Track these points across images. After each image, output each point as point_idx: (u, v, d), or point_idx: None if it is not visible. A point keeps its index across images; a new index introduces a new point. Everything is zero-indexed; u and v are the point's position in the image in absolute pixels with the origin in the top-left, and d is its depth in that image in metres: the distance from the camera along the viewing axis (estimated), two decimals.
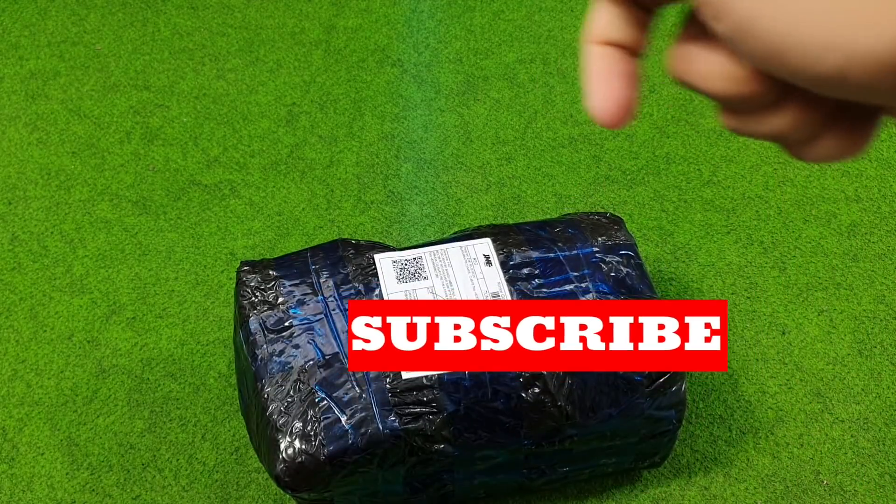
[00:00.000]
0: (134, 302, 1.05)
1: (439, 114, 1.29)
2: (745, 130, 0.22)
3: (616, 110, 0.23)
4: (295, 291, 0.80)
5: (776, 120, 0.21)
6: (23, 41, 1.42)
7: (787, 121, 0.21)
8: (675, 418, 0.80)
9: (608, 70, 0.23)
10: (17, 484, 0.90)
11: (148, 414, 0.95)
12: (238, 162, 1.22)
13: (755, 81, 0.20)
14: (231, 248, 1.11)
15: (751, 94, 0.21)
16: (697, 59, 0.21)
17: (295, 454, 0.71)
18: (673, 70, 0.22)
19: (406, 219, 1.14)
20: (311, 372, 0.74)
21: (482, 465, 0.78)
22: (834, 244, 1.11)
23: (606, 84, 0.23)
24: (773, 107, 0.21)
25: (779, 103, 0.21)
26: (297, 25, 1.44)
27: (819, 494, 0.89)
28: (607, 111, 0.23)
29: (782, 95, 0.21)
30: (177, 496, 0.89)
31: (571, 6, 1.47)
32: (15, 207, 1.16)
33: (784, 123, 0.21)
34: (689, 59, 0.21)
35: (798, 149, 0.22)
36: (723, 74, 0.21)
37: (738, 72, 0.20)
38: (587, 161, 1.21)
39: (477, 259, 0.81)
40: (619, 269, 0.82)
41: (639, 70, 0.24)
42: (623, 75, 0.23)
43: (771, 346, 1.00)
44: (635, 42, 0.24)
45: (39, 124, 1.28)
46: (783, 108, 0.21)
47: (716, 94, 0.21)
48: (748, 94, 0.21)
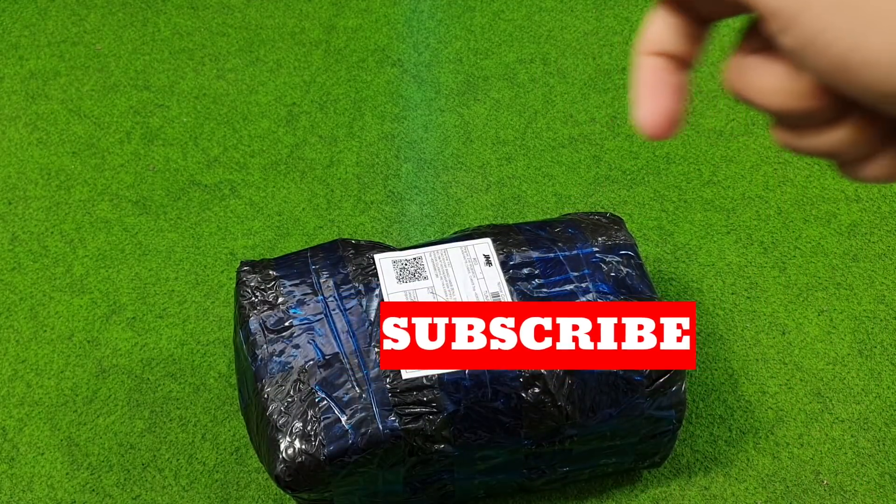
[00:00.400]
0: (134, 302, 1.05)
1: (439, 114, 1.29)
2: (800, 146, 0.22)
3: (662, 123, 0.23)
4: (295, 291, 0.80)
5: (833, 137, 0.21)
6: (23, 41, 1.42)
7: (845, 138, 0.20)
8: (675, 418, 0.80)
9: (658, 82, 0.23)
10: (17, 484, 0.90)
11: (148, 414, 0.95)
12: (238, 162, 1.22)
13: (816, 97, 0.20)
14: (231, 248, 1.11)
15: (811, 109, 0.20)
16: (756, 73, 0.21)
17: (295, 454, 0.71)
18: (729, 83, 0.22)
19: (406, 219, 1.14)
20: (311, 372, 0.74)
21: (482, 465, 0.78)
22: (834, 244, 1.11)
23: (654, 96, 0.23)
24: (832, 123, 0.21)
25: (838, 120, 0.20)
26: (297, 25, 1.44)
27: (819, 494, 0.89)
28: (653, 123, 0.23)
29: (842, 112, 0.20)
30: (177, 496, 0.89)
31: (571, 6, 1.47)
32: (15, 207, 1.16)
33: (841, 141, 0.21)
34: (747, 72, 0.21)
35: (852, 167, 0.22)
36: (783, 89, 0.20)
37: (799, 86, 0.20)
38: (587, 161, 1.21)
39: (477, 259, 0.81)
40: (619, 269, 0.82)
41: (688, 83, 0.24)
42: (672, 88, 0.23)
43: (771, 346, 1.00)
44: (688, 54, 0.23)
45: (39, 124, 1.28)
46: (842, 125, 0.20)
47: (774, 109, 0.21)
48: (808, 109, 0.20)
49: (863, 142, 0.20)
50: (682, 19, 0.23)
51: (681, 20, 0.23)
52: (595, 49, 1.39)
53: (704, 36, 0.23)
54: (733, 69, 0.22)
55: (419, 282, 0.79)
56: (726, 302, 1.05)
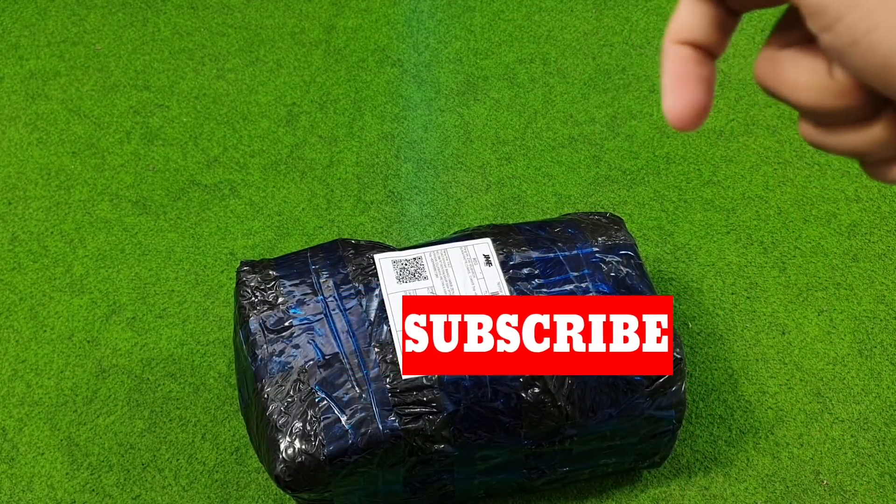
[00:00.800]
0: (134, 302, 1.05)
1: (439, 114, 1.29)
2: (828, 144, 0.21)
3: (689, 114, 0.23)
4: (295, 291, 0.80)
5: (864, 136, 0.20)
6: (23, 41, 1.42)
7: (879, 137, 0.20)
8: (675, 418, 0.80)
9: (685, 73, 0.23)
10: (17, 484, 0.90)
11: (148, 414, 0.95)
12: (238, 162, 1.22)
13: (852, 95, 0.19)
14: (231, 248, 1.11)
15: (845, 107, 0.20)
16: (790, 68, 0.20)
17: (295, 454, 0.71)
18: (760, 76, 0.21)
19: (406, 219, 1.14)
20: (311, 372, 0.74)
21: (482, 465, 0.78)
22: (834, 244, 1.11)
23: (681, 87, 0.23)
24: (865, 122, 0.20)
25: (871, 119, 0.20)
26: (297, 25, 1.44)
27: (819, 494, 0.89)
28: (680, 114, 0.23)
29: (876, 111, 0.20)
30: (177, 496, 0.89)
31: (571, 6, 1.47)
32: (15, 207, 1.16)
33: (872, 140, 0.20)
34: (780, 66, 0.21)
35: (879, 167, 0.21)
36: (817, 85, 0.20)
37: (834, 84, 0.19)
38: (587, 161, 1.21)
39: (477, 259, 0.81)
40: (619, 269, 0.82)
41: (715, 74, 0.23)
42: (699, 79, 0.23)
43: (771, 346, 1.00)
44: (716, 44, 0.23)
45: (39, 124, 1.28)
46: (876, 123, 0.20)
47: (805, 106, 0.20)
48: (842, 107, 0.20)
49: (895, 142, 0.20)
50: (712, 8, 0.23)
51: (710, 8, 0.23)
52: (595, 49, 1.39)
53: (733, 26, 0.23)
54: (765, 62, 0.21)
55: (419, 282, 0.79)
56: (726, 302, 1.05)
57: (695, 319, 1.03)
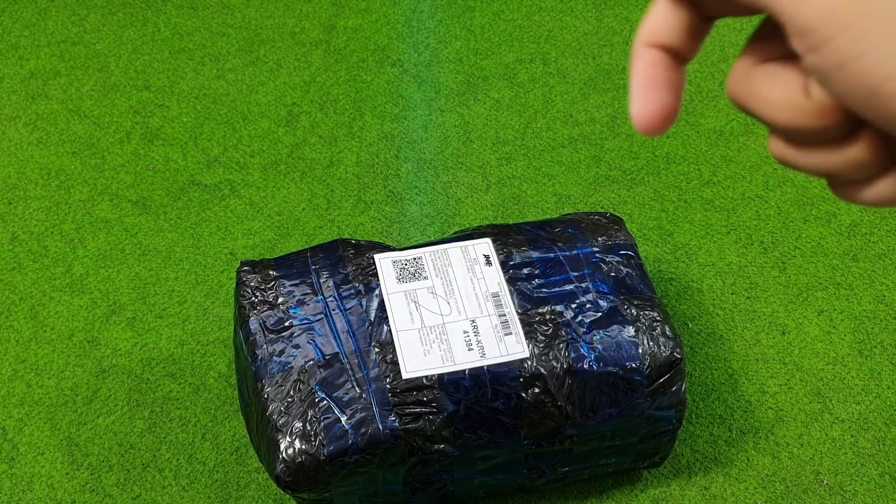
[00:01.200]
0: (134, 302, 1.05)
1: (439, 114, 1.29)
2: (799, 163, 0.20)
3: (656, 118, 0.22)
4: (295, 291, 0.80)
5: (838, 156, 0.19)
6: (23, 41, 1.42)
7: (851, 159, 0.19)
8: (675, 418, 0.80)
9: (654, 76, 0.22)
10: (17, 484, 0.90)
11: (148, 414, 0.95)
12: (238, 162, 1.22)
13: (829, 116, 0.19)
14: (231, 248, 1.11)
15: (821, 128, 0.19)
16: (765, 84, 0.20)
17: (295, 454, 0.71)
18: (732, 91, 0.21)
19: (406, 219, 1.14)
20: (311, 372, 0.74)
21: (482, 465, 0.78)
22: (834, 244, 1.11)
23: (650, 91, 0.22)
24: (838, 143, 0.19)
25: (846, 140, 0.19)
26: (297, 25, 1.44)
27: (819, 494, 0.89)
28: (646, 118, 0.22)
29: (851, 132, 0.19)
30: (177, 496, 0.89)
31: (571, 6, 1.47)
32: (15, 207, 1.16)
33: (846, 161, 0.19)
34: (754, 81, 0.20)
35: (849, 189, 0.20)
36: (792, 104, 0.19)
37: (811, 103, 0.19)
38: (587, 161, 1.21)
39: (477, 259, 0.81)
40: (619, 269, 0.82)
41: (685, 79, 0.23)
42: (668, 83, 0.22)
43: (771, 346, 1.01)
44: (687, 49, 0.23)
45: (39, 124, 1.28)
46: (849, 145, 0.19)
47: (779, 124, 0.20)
48: (818, 127, 0.19)
49: (871, 164, 0.19)
50: (685, 12, 0.22)
51: (683, 13, 0.22)
52: (595, 49, 1.39)
53: (706, 31, 0.23)
54: (738, 77, 0.21)
55: (419, 282, 0.79)
56: (726, 302, 1.05)
57: (695, 319, 1.03)
